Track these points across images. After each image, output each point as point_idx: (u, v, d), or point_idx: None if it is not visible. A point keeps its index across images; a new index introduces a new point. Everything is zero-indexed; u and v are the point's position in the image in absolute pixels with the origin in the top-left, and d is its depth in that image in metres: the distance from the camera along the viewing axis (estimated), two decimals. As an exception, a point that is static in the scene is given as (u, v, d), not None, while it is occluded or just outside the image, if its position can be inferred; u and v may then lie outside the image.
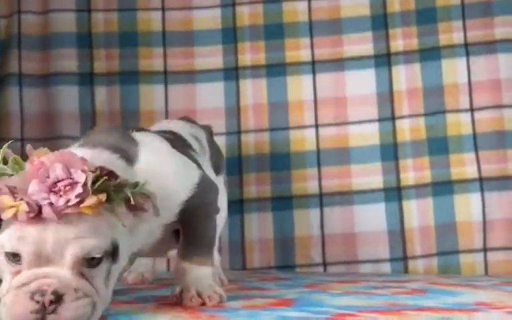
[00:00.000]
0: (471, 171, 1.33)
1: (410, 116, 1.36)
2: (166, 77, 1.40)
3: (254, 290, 0.83)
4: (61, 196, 0.56)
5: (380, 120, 1.37)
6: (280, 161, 1.36)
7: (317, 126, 1.38)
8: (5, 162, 0.59)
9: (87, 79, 1.39)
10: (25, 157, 0.61)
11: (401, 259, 1.32)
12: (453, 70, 1.36)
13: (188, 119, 1.10)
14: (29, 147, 0.60)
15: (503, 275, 1.24)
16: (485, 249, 1.31)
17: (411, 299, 0.73)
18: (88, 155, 0.61)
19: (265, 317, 0.59)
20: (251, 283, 0.93)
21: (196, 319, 0.58)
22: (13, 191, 0.56)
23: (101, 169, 0.59)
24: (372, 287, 0.89)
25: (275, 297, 0.74)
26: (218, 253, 1.10)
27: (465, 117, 1.35)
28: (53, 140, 1.35)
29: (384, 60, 1.38)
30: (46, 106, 1.36)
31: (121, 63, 1.40)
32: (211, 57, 1.40)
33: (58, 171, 0.57)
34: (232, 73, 1.40)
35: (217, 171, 1.01)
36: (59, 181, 0.57)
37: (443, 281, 1.01)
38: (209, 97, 1.39)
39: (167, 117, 1.39)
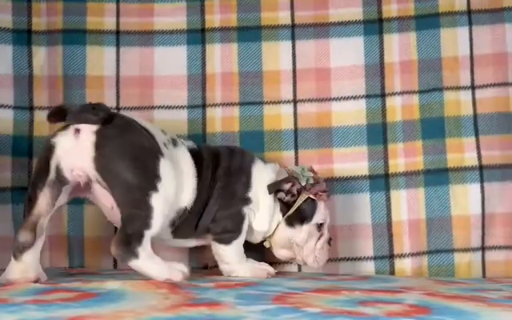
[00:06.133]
0: (469, 158, 1.16)
1: (402, 93, 1.19)
2: (118, 37, 1.20)
3: (203, 306, 0.64)
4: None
5: (368, 96, 1.19)
6: (251, 141, 1.17)
7: (295, 101, 1.19)
8: None
9: (24, 36, 1.18)
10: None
11: (387, 257, 1.15)
12: (453, 41, 1.19)
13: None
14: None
15: (503, 279, 1.08)
16: (483, 248, 1.15)
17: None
18: None
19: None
20: (204, 292, 0.74)
21: None
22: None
23: None
24: (358, 301, 0.71)
25: (230, 321, 0.55)
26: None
27: (465, 96, 1.18)
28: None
29: (374, 26, 1.20)
30: (-28, 67, 1.15)
31: (65, 19, 1.19)
32: (172, 16, 1.20)
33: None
34: (197, 36, 1.20)
35: None
36: None
37: (443, 290, 0.83)
38: (169, 63, 1.19)
39: (117, 84, 1.18)
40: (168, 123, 1.14)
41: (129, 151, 0.87)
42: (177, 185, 0.91)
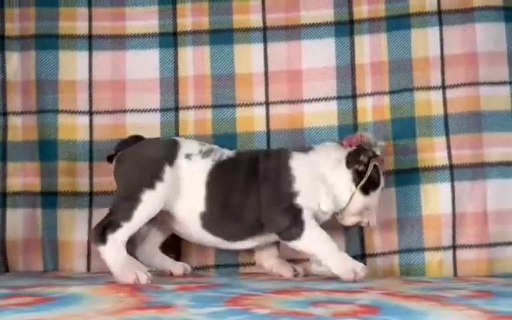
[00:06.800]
0: (440, 158, 1.17)
1: (373, 93, 1.19)
2: (91, 41, 1.20)
3: (153, 309, 0.65)
4: None
5: (339, 97, 1.19)
6: (224, 143, 1.17)
7: (267, 103, 1.20)
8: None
9: (-3, 42, 1.19)
10: None
11: (358, 256, 1.16)
12: (424, 41, 1.19)
13: None
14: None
15: (472, 277, 1.09)
16: (454, 247, 1.15)
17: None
18: None
19: None
20: (162, 295, 0.75)
21: None
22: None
23: None
24: (311, 301, 0.71)
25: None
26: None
27: (436, 96, 1.18)
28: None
29: (345, 28, 1.20)
30: None
31: (38, 25, 1.20)
32: (144, 20, 1.21)
33: None
34: (169, 39, 1.21)
35: None
36: None
37: (403, 289, 0.84)
38: (142, 67, 1.20)
39: (90, 88, 1.19)
40: (140, 127, 1.15)
41: (136, 156, 0.99)
42: (172, 191, 0.97)
